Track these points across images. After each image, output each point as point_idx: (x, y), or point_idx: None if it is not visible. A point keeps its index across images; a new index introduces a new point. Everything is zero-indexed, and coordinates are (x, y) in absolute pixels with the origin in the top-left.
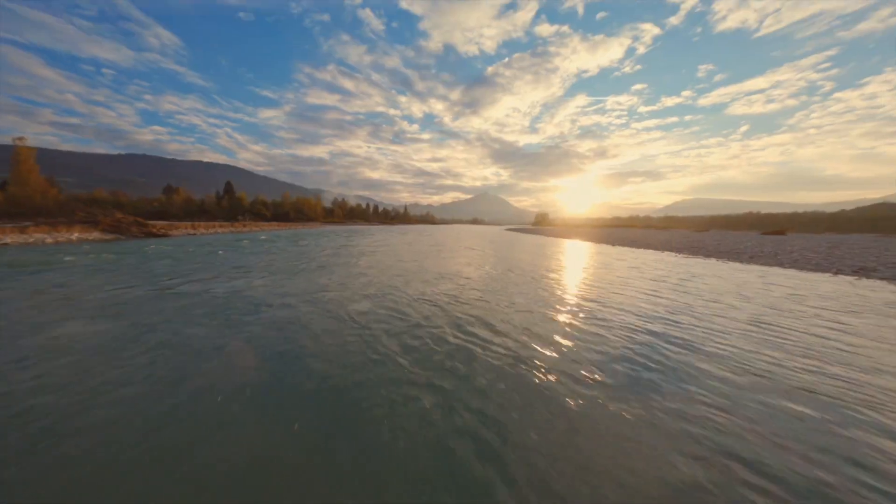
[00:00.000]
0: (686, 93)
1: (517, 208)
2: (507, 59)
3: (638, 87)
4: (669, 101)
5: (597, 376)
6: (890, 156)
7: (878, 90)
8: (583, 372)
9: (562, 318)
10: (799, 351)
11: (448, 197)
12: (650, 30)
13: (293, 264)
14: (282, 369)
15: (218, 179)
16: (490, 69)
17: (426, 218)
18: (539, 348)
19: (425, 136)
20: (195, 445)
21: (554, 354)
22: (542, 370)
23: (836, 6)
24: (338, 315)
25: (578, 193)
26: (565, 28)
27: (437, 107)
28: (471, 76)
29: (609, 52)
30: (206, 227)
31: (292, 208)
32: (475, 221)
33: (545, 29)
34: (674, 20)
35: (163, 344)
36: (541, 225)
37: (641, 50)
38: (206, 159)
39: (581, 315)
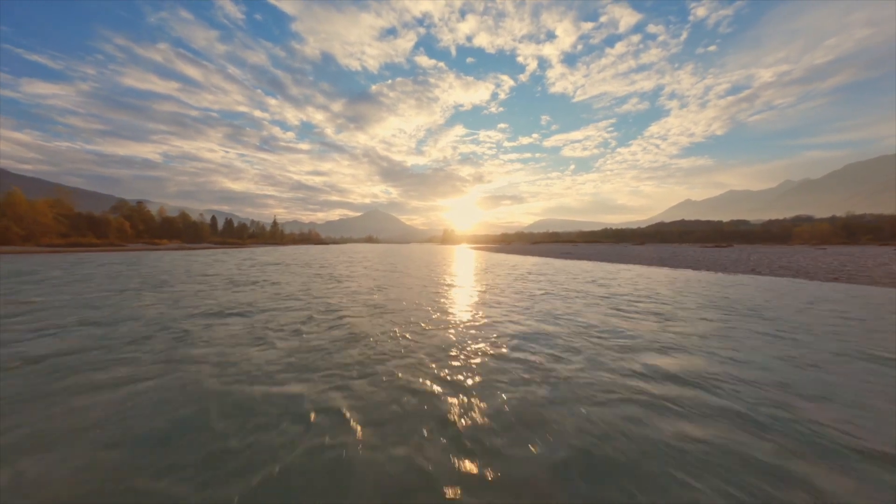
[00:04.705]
0: (535, 135)
1: (408, 226)
2: (390, 81)
3: (502, 125)
4: (525, 140)
5: None
6: (646, 192)
7: (637, 150)
8: None
9: None
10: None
11: (335, 214)
12: (507, 81)
13: None
14: None
15: None
16: (374, 87)
17: (308, 237)
18: None
19: (303, 146)
20: None
21: None
22: None
23: (611, 90)
24: None
25: (462, 213)
26: (442, 64)
27: (317, 116)
28: (354, 90)
29: (479, 92)
30: None
31: None
32: (369, 239)
33: (425, 60)
34: (523, 77)
35: None
36: (447, 242)
37: (503, 96)
38: None
39: None
